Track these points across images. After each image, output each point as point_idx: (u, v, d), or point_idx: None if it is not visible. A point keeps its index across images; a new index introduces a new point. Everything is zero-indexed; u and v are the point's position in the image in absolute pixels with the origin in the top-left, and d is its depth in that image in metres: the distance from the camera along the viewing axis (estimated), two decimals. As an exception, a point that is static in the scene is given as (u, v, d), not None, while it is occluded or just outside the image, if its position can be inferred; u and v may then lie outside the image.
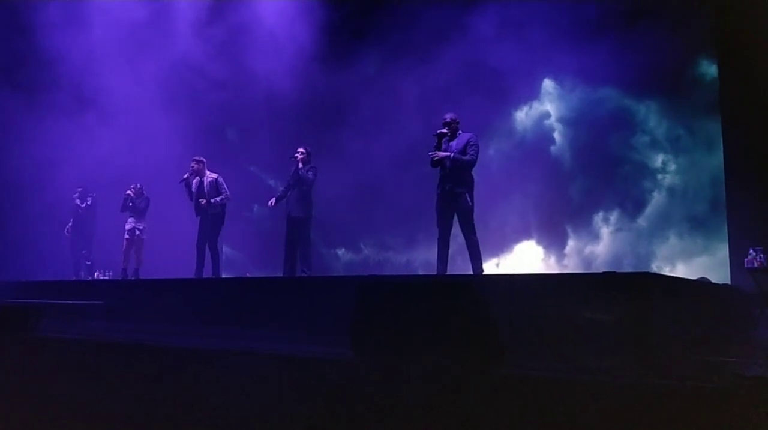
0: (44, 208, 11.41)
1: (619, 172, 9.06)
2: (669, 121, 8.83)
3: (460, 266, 7.20)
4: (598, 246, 9.18)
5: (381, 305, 3.58)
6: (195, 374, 4.00)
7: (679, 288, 5.36)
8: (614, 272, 6.16)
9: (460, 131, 6.85)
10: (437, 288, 4.10)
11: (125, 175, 10.52)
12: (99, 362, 4.34)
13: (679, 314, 4.72)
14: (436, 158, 6.69)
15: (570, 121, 9.56)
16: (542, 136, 9.76)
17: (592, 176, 9.23)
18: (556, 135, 9.68)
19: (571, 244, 9.39)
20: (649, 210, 8.88)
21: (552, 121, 9.76)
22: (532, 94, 9.88)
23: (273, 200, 8.35)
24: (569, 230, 9.43)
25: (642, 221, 8.89)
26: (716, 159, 7.89)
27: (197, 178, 8.87)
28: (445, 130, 6.77)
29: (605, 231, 9.17)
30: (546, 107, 9.83)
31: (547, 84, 9.83)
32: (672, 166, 8.83)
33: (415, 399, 2.78)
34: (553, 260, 9.44)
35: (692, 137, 8.62)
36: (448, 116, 6.85)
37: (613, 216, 9.15)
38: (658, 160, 8.93)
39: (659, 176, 8.90)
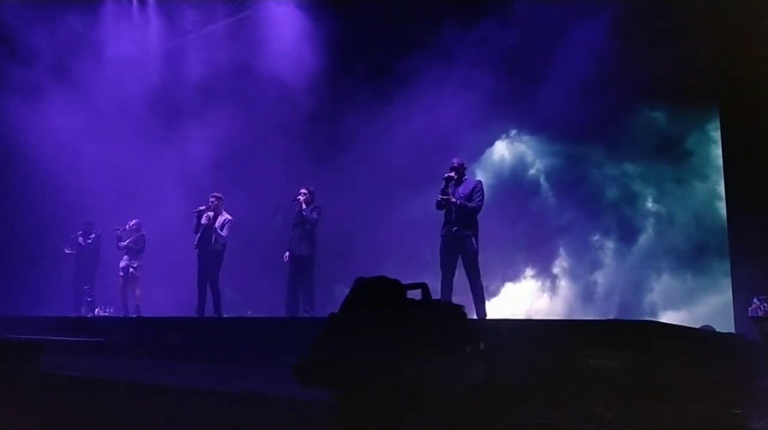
0: (47, 244, 11.46)
1: (605, 206, 9.29)
2: (627, 160, 9.15)
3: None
4: (594, 276, 9.23)
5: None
6: (192, 415, 3.96)
7: (682, 337, 5.32)
8: (617, 320, 6.14)
9: (467, 176, 7.02)
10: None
11: (128, 211, 10.61)
12: (99, 400, 4.31)
13: (683, 364, 4.68)
14: (443, 201, 6.78)
15: (544, 155, 9.91)
16: (519, 170, 10.05)
17: (578, 208, 9.43)
18: (536, 174, 10.01)
19: (564, 269, 9.48)
20: (641, 242, 8.97)
21: (526, 161, 10.05)
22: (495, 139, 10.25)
23: (287, 254, 8.35)
24: (563, 259, 9.56)
25: (635, 252, 8.99)
26: (690, 197, 8.55)
27: (212, 213, 8.87)
28: (452, 174, 6.93)
29: (599, 259, 9.25)
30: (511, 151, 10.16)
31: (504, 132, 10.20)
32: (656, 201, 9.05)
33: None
34: (547, 290, 9.52)
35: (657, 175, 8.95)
36: (456, 161, 7.04)
37: (605, 245, 9.27)
38: (637, 195, 9.13)
39: (647, 208, 9.12)
